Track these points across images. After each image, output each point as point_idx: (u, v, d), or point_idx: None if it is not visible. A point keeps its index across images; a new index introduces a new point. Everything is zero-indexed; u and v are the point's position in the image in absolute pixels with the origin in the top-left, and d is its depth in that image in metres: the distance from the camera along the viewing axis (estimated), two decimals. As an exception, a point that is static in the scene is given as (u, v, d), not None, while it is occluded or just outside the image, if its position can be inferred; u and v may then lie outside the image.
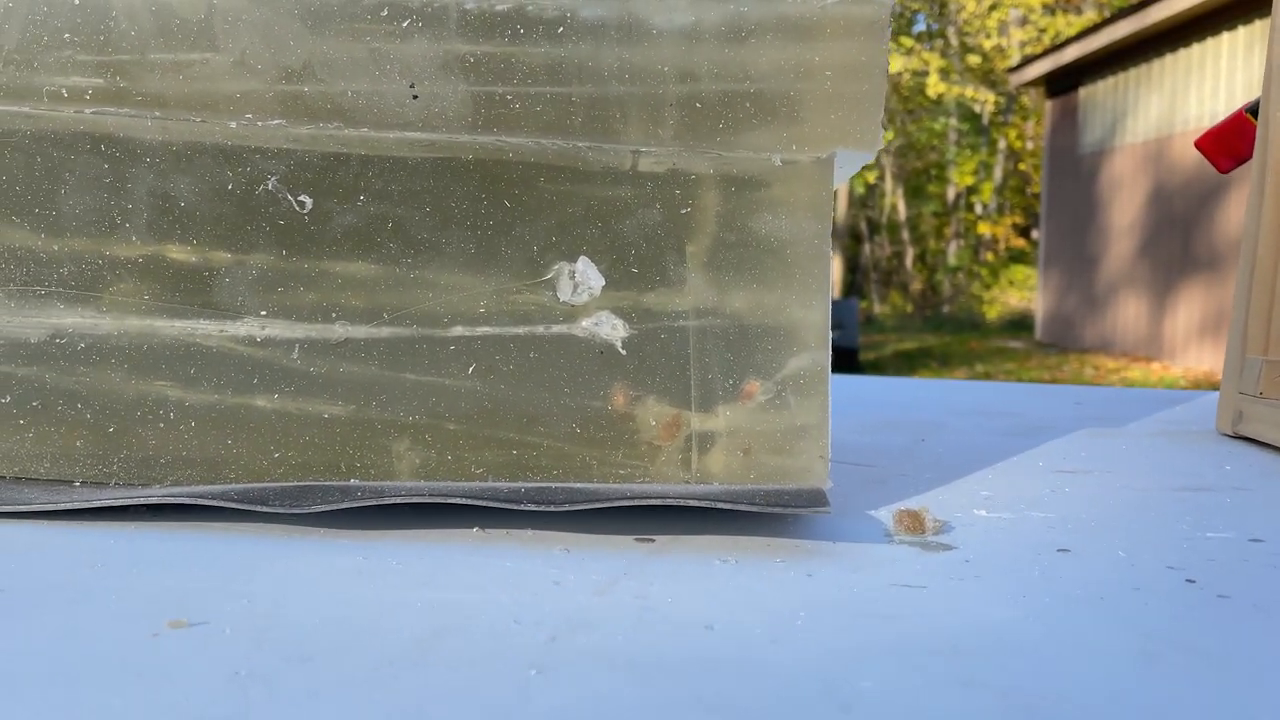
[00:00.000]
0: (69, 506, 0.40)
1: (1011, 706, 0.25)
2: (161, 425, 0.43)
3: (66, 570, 0.34)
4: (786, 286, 0.43)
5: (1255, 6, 5.41)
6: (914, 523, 0.42)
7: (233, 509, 0.40)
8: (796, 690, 0.26)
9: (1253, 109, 0.68)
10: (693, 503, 0.39)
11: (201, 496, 0.40)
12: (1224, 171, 0.72)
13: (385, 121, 0.42)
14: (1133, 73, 6.72)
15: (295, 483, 0.43)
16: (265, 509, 0.39)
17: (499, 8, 0.42)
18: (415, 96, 0.42)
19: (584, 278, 0.43)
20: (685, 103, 0.42)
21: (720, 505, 0.39)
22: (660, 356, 0.43)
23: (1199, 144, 0.72)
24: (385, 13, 0.42)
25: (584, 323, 0.43)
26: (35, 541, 0.37)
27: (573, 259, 0.43)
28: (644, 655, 0.28)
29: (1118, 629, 0.31)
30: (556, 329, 0.43)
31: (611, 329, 0.43)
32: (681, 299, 0.43)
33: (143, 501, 0.40)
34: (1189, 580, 0.36)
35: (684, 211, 0.43)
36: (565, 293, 0.43)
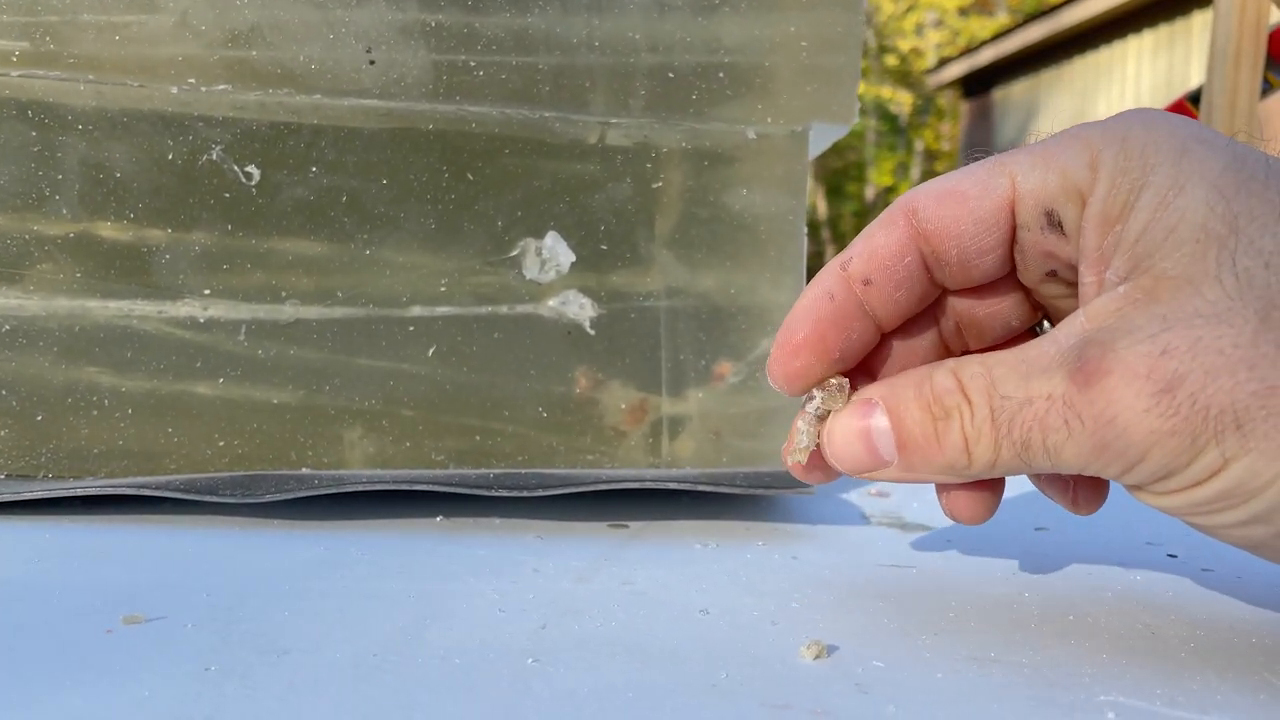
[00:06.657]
0: (-5, 500, 0.37)
1: (1032, 682, 0.24)
2: (94, 414, 0.40)
3: (2, 565, 0.31)
4: (760, 265, 0.42)
5: (1161, 13, 5.60)
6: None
7: (175, 500, 0.38)
8: (809, 673, 0.25)
9: (1193, 97, 0.69)
10: (673, 485, 0.37)
11: (143, 486, 0.37)
12: None
13: (339, 88, 0.40)
14: (1045, 75, 6.91)
15: (244, 472, 0.40)
16: (214, 498, 0.36)
17: (458, -28, 0.40)
18: (372, 62, 0.40)
19: (552, 254, 0.41)
20: (656, 73, 0.41)
21: (701, 488, 0.37)
22: (630, 337, 0.42)
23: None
24: (339, -26, 0.40)
25: (550, 302, 0.42)
26: (-40, 538, 0.34)
27: (539, 235, 0.41)
28: (643, 641, 0.26)
29: (1116, 603, 0.31)
30: (521, 309, 0.42)
31: (579, 308, 0.42)
32: (652, 277, 0.42)
33: (78, 493, 0.37)
34: (1170, 555, 0.36)
35: (654, 186, 0.41)
36: (532, 270, 0.41)
